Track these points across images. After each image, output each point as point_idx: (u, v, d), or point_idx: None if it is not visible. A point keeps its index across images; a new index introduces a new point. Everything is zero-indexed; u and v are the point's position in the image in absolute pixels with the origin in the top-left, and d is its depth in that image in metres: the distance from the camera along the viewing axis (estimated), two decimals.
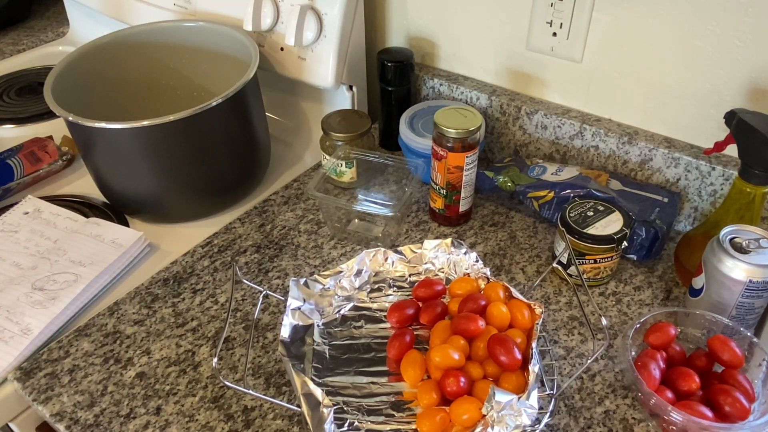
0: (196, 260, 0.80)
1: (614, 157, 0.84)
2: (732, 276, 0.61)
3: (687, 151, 0.78)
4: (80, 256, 0.77)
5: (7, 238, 0.81)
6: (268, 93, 0.96)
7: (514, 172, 0.84)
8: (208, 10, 0.99)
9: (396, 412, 0.60)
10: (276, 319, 0.72)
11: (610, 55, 0.80)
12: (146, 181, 0.81)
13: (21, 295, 0.73)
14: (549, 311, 0.72)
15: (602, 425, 0.61)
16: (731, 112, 0.66)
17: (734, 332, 0.63)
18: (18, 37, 1.38)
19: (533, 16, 0.83)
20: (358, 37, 0.93)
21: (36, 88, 1.18)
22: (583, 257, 0.72)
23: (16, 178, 0.90)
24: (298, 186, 0.92)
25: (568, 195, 0.78)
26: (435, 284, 0.70)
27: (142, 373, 0.66)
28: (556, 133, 0.87)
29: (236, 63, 0.88)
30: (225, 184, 0.86)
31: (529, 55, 0.87)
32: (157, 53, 0.95)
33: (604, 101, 0.84)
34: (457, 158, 0.77)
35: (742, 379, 0.59)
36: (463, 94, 0.94)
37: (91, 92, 0.88)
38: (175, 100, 0.98)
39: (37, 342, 0.69)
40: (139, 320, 0.72)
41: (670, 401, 0.57)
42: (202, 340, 0.70)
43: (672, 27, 0.74)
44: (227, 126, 0.81)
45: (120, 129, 0.74)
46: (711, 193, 0.78)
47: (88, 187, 0.91)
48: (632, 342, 0.63)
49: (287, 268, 0.78)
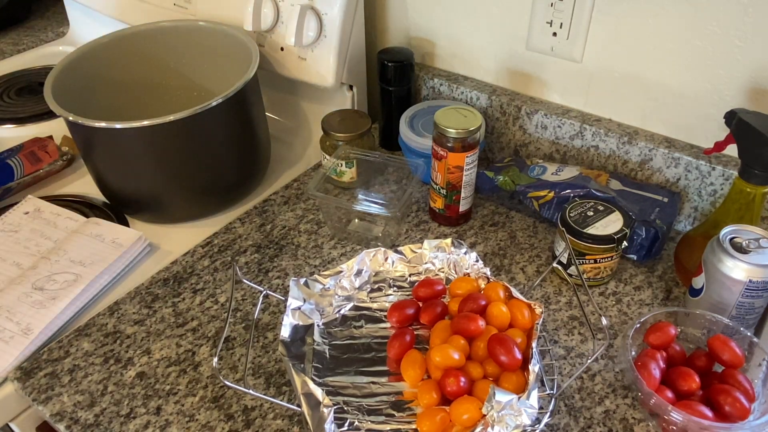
0: (196, 260, 0.80)
1: (614, 157, 0.84)
2: (732, 276, 0.61)
3: (687, 151, 0.78)
4: (80, 256, 0.77)
5: (7, 238, 0.81)
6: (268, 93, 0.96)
7: (514, 172, 0.84)
8: (208, 10, 0.99)
9: (396, 411, 0.60)
10: (276, 319, 0.72)
11: (610, 55, 0.80)
12: (146, 181, 0.81)
13: (21, 295, 0.73)
14: (549, 311, 0.72)
15: (602, 425, 0.61)
16: (731, 112, 0.66)
17: (734, 332, 0.63)
18: (18, 37, 1.38)
19: (533, 16, 0.83)
20: (358, 37, 0.93)
21: (36, 88, 1.18)
22: (583, 257, 0.72)
23: (16, 178, 0.90)
24: (298, 186, 0.92)
25: (568, 195, 0.78)
26: (435, 284, 0.70)
27: (143, 373, 0.66)
28: (556, 133, 0.87)
29: (236, 63, 0.88)
30: (225, 184, 0.86)
31: (529, 55, 0.87)
32: (157, 53, 0.95)
33: (604, 101, 0.84)
34: (457, 158, 0.77)
35: (742, 379, 0.59)
36: (463, 94, 0.94)
37: (91, 92, 0.88)
38: (175, 100, 0.98)
39: (38, 342, 0.69)
40: (139, 320, 0.72)
41: (670, 401, 0.57)
42: (202, 340, 0.70)
43: (672, 27, 0.74)
44: (227, 126, 0.81)
45: (120, 129, 0.74)
46: (711, 193, 0.78)
47: (88, 187, 0.91)
48: (632, 342, 0.63)
49: (287, 268, 0.78)
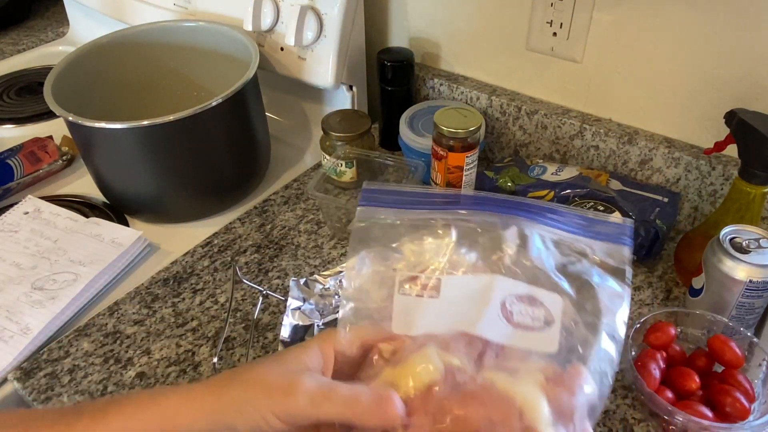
0: (196, 260, 0.80)
1: (614, 157, 0.84)
2: (732, 276, 0.61)
3: (687, 151, 0.78)
4: (80, 256, 0.77)
5: (7, 238, 0.81)
6: (268, 93, 0.96)
7: (514, 172, 0.84)
8: (208, 10, 0.99)
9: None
10: (276, 319, 0.72)
11: (610, 55, 0.80)
12: (146, 181, 0.81)
13: (21, 295, 0.73)
14: None
15: (602, 425, 0.61)
16: (731, 112, 0.66)
17: (734, 332, 0.63)
18: (18, 37, 1.38)
19: (533, 16, 0.83)
20: (358, 37, 0.93)
21: (36, 88, 1.18)
22: None
23: (16, 178, 0.90)
24: (298, 186, 0.92)
25: (568, 195, 0.78)
26: None
27: (142, 373, 0.66)
28: (556, 133, 0.87)
29: (236, 63, 0.88)
30: (225, 184, 0.86)
31: (529, 55, 0.87)
32: (157, 53, 0.95)
33: (604, 101, 0.84)
34: (457, 158, 0.77)
35: (742, 379, 0.59)
36: (463, 94, 0.94)
37: (91, 92, 0.88)
38: (175, 100, 0.98)
39: (37, 342, 0.69)
40: (139, 320, 0.72)
41: (670, 401, 0.57)
42: (202, 340, 0.70)
43: (672, 27, 0.74)
44: (227, 126, 0.81)
45: (120, 129, 0.74)
46: (711, 193, 0.78)
47: (88, 187, 0.91)
48: (632, 342, 0.63)
49: (287, 268, 0.78)
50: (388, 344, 0.38)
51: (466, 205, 0.42)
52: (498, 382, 0.36)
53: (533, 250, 0.39)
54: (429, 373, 0.36)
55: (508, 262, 0.39)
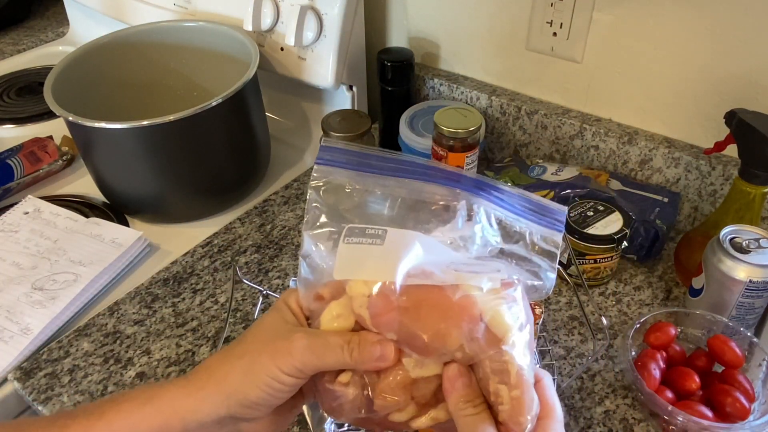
0: (196, 260, 0.80)
1: (614, 157, 0.84)
2: (732, 276, 0.61)
3: (687, 151, 0.78)
4: (80, 256, 0.77)
5: (7, 238, 0.81)
6: (268, 93, 0.96)
7: (514, 172, 0.84)
8: (208, 10, 0.99)
9: None
10: None
11: (610, 55, 0.80)
12: (146, 181, 0.81)
13: (21, 295, 0.73)
14: (549, 311, 0.72)
15: (602, 425, 0.61)
16: (731, 112, 0.66)
17: (734, 332, 0.63)
18: (18, 37, 1.38)
19: (533, 16, 0.83)
20: (358, 37, 0.93)
21: (36, 88, 1.18)
22: (583, 257, 0.72)
23: (16, 178, 0.90)
24: (298, 186, 0.92)
25: (568, 195, 0.78)
26: None
27: (142, 373, 0.66)
28: (556, 133, 0.87)
29: (236, 63, 0.88)
30: (225, 184, 0.86)
31: (529, 55, 0.87)
32: (157, 53, 0.95)
33: (604, 101, 0.84)
34: (457, 158, 0.77)
35: (742, 379, 0.59)
36: (463, 94, 0.94)
37: (91, 92, 0.88)
38: (175, 100, 0.98)
39: (37, 342, 0.69)
40: (139, 320, 0.72)
41: (670, 401, 0.57)
42: (202, 340, 0.70)
43: (672, 27, 0.74)
44: (227, 126, 0.81)
45: (120, 129, 0.74)
46: (711, 193, 0.78)
47: (88, 187, 0.91)
48: (632, 342, 0.63)
49: (287, 268, 0.78)
50: (326, 288, 0.40)
51: (417, 175, 0.43)
52: (460, 283, 0.37)
53: (478, 223, 0.41)
54: (369, 285, 0.37)
55: (455, 236, 0.41)
